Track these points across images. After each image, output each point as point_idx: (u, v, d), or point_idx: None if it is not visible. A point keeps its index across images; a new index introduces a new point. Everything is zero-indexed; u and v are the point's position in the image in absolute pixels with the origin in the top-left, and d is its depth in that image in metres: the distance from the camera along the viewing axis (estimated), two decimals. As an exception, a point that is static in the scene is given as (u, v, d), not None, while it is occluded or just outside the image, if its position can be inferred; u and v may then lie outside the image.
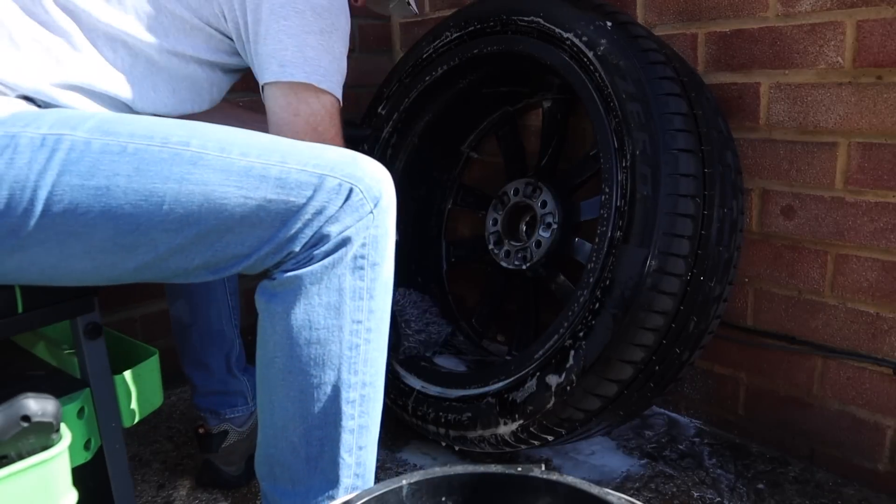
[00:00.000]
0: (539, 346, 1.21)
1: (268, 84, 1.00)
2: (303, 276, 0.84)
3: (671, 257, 1.10)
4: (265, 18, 0.97)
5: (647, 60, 1.17)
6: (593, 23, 1.22)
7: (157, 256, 0.83)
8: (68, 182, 0.78)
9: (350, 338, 0.87)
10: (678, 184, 1.11)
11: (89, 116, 0.83)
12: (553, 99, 1.59)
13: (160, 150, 0.81)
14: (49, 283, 0.87)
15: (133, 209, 0.79)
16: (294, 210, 0.82)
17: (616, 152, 1.17)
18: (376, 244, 0.87)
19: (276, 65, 0.98)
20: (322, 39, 0.99)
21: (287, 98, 1.00)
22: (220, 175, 0.81)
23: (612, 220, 1.16)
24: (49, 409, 0.69)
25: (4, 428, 0.67)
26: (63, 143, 0.79)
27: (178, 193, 0.80)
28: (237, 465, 1.34)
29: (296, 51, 0.98)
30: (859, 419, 1.29)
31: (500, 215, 1.58)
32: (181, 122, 0.86)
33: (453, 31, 1.47)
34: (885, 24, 1.15)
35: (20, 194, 0.77)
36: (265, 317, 0.88)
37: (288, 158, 0.84)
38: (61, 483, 0.72)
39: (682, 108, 1.14)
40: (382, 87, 1.62)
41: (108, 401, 0.95)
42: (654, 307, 1.11)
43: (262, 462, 0.94)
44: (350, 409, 0.89)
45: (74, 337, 0.93)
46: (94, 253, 0.82)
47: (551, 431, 1.20)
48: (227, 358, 1.31)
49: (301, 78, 0.98)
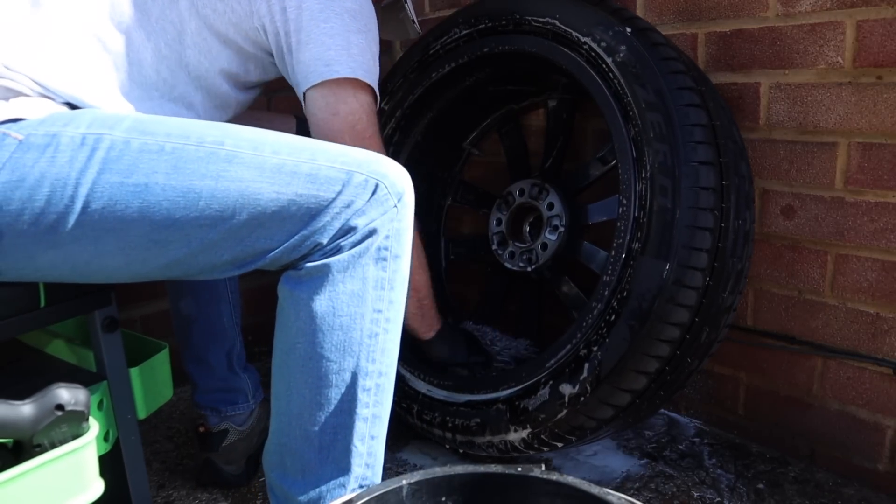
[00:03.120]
0: (551, 354, 1.21)
1: (310, 88, 1.05)
2: (331, 265, 0.87)
3: (689, 270, 1.10)
4: (306, 25, 1.02)
5: (667, 70, 1.15)
6: (612, 28, 1.20)
7: (188, 252, 0.86)
8: (108, 180, 0.81)
9: (370, 326, 0.90)
10: (698, 197, 1.10)
11: (124, 117, 0.87)
12: (559, 98, 1.58)
13: (196, 148, 0.84)
14: (77, 280, 0.90)
15: (170, 206, 0.82)
16: (324, 204, 0.86)
17: (634, 162, 1.16)
18: (399, 237, 0.90)
19: (323, 65, 1.03)
20: (361, 39, 1.04)
21: (326, 99, 1.05)
22: (254, 172, 0.84)
23: (629, 231, 1.15)
24: (81, 398, 0.72)
25: (39, 417, 0.69)
26: (103, 141, 0.82)
27: (215, 190, 0.83)
28: (237, 464, 1.35)
29: (340, 49, 1.03)
30: (859, 419, 1.29)
31: (505, 215, 1.56)
32: (212, 123, 0.91)
33: (462, 28, 1.44)
34: (885, 24, 1.15)
35: (61, 192, 0.80)
36: (289, 304, 0.90)
37: (317, 156, 0.87)
38: (90, 471, 0.75)
39: (702, 119, 1.13)
40: (386, 81, 1.59)
41: (125, 393, 0.99)
42: (671, 319, 1.11)
43: (273, 451, 0.95)
44: (365, 398, 0.91)
45: (92, 331, 0.97)
46: (127, 249, 0.85)
47: (562, 439, 1.21)
48: (229, 355, 1.32)
49: (347, 73, 1.03)
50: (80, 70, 0.94)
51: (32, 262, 0.84)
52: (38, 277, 0.89)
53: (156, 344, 1.06)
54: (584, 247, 1.44)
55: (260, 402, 1.37)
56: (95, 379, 0.96)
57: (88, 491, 0.73)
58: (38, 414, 0.68)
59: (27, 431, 0.68)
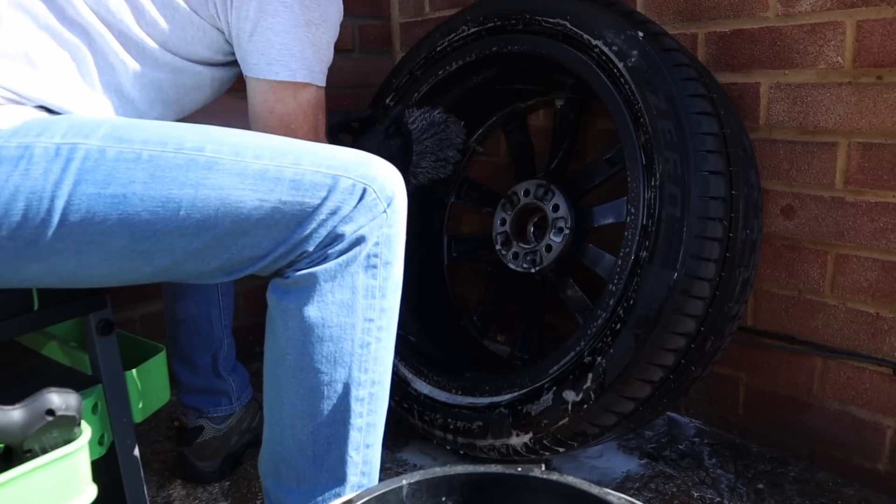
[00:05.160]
0: (555, 360, 1.21)
1: (250, 77, 1.03)
2: (317, 274, 0.85)
3: (697, 280, 1.09)
4: (253, 16, 0.98)
5: (679, 76, 1.14)
6: (624, 32, 1.18)
7: (173, 261, 0.84)
8: (84, 191, 0.79)
9: (362, 336, 0.88)
10: (708, 207, 1.09)
11: (100, 123, 0.84)
12: (566, 98, 1.57)
13: (175, 155, 0.81)
14: (67, 287, 0.88)
15: (150, 216, 0.80)
16: (309, 211, 0.83)
17: (644, 169, 1.15)
18: (389, 243, 0.88)
19: (265, 63, 1.00)
20: (308, 32, 1.00)
21: (265, 95, 1.02)
22: (236, 179, 0.82)
23: (637, 239, 1.14)
24: (72, 402, 0.71)
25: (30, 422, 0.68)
26: (78, 152, 0.79)
27: (195, 199, 0.81)
28: (211, 461, 1.35)
29: (282, 48, 0.99)
30: (859, 419, 1.29)
31: (510, 216, 1.55)
32: (193, 126, 0.87)
33: (471, 26, 1.43)
34: (885, 24, 1.15)
35: (37, 205, 0.78)
36: (277, 314, 0.88)
37: (302, 160, 0.84)
38: (83, 477, 0.74)
39: (713, 127, 1.12)
40: (391, 77, 1.59)
41: (120, 396, 0.97)
42: (677, 329, 1.10)
43: (267, 460, 0.95)
44: (359, 407, 0.90)
45: (87, 334, 0.95)
46: (111, 260, 0.83)
47: (564, 444, 1.21)
48: (215, 357, 1.32)
49: (284, 77, 1.00)
50: (46, 71, 0.90)
51: (18, 274, 0.82)
52: (28, 286, 0.87)
53: (153, 346, 1.05)
54: (589, 250, 1.43)
55: (245, 404, 1.37)
56: (90, 382, 0.95)
57: (81, 496, 0.73)
58: (28, 419, 0.67)
59: (17, 436, 0.67)
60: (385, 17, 2.03)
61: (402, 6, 2.00)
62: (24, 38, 0.89)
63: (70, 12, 0.92)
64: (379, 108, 1.58)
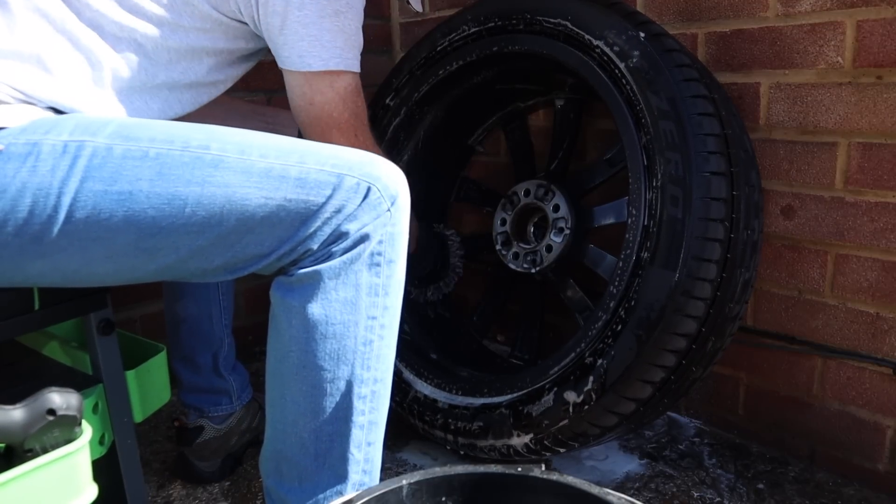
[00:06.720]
0: (555, 360, 1.21)
1: (285, 70, 1.05)
2: (322, 272, 0.85)
3: (698, 281, 1.09)
4: (280, 10, 0.99)
5: (681, 77, 1.14)
6: (626, 32, 1.18)
7: (178, 259, 0.84)
8: (91, 188, 0.79)
9: (365, 333, 0.89)
10: (709, 208, 1.09)
11: (108, 122, 0.84)
12: (567, 98, 1.56)
13: (181, 153, 0.82)
14: (69, 285, 0.88)
15: (156, 213, 0.81)
16: (314, 209, 0.84)
17: (645, 170, 1.15)
18: (392, 242, 0.88)
19: (296, 56, 1.02)
20: (337, 21, 1.02)
21: (302, 88, 1.05)
22: (241, 177, 0.83)
23: (638, 240, 1.14)
24: (73, 402, 0.71)
25: (31, 422, 0.68)
26: (85, 149, 0.80)
27: (201, 196, 0.81)
28: (211, 461, 1.35)
29: (312, 40, 1.01)
30: (859, 419, 1.29)
31: (510, 216, 1.54)
32: (198, 125, 0.88)
33: (471, 26, 1.42)
34: (885, 24, 1.15)
35: (44, 202, 0.78)
36: (280, 311, 0.89)
37: (306, 159, 0.85)
38: (83, 476, 0.74)
39: (715, 128, 1.12)
40: (391, 77, 1.58)
41: (121, 396, 0.98)
42: (678, 330, 1.10)
43: (269, 458, 0.95)
44: (361, 405, 0.90)
45: (87, 333, 0.95)
46: (115, 257, 0.83)
47: (565, 445, 1.21)
48: (215, 357, 1.32)
49: (318, 67, 1.02)
50: (57, 72, 0.91)
51: (22, 271, 0.83)
52: (31, 284, 0.87)
53: (153, 346, 1.05)
54: (589, 250, 1.43)
55: (245, 404, 1.37)
56: (91, 382, 0.95)
57: (81, 495, 0.73)
58: (29, 419, 0.68)
59: (18, 436, 0.67)
60: (385, 17, 2.03)
61: (402, 6, 2.00)
62: (40, 42, 0.90)
63: (87, 16, 0.93)
64: (379, 108, 1.59)
